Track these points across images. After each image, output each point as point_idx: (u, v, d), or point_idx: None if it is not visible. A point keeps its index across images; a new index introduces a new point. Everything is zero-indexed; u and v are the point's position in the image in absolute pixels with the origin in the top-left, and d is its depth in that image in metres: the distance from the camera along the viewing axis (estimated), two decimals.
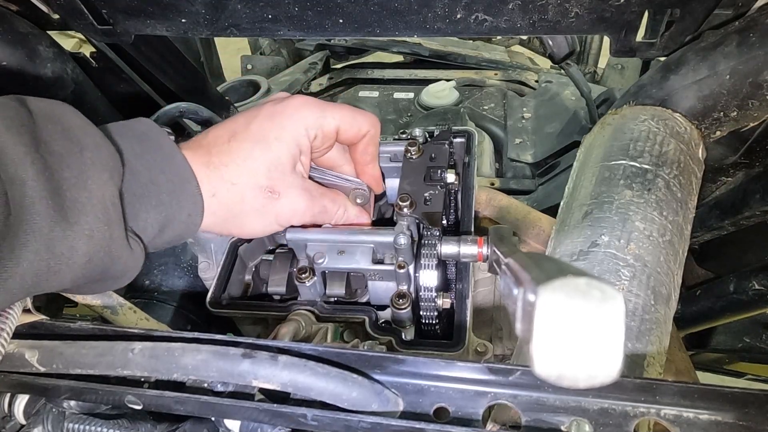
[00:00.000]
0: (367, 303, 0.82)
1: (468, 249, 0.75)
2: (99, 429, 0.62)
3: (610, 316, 0.29)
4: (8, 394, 0.65)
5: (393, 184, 0.90)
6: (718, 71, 0.76)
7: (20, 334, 0.58)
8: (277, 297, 0.84)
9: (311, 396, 0.50)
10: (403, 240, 0.72)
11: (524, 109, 1.69)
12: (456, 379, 0.50)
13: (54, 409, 0.63)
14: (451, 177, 0.85)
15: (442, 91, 1.78)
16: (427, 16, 0.81)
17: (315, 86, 2.00)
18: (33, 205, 0.45)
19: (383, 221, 0.91)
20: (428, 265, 0.75)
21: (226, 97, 1.52)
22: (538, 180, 1.44)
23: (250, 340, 0.54)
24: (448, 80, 1.83)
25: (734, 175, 1.01)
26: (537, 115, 1.66)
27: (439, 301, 0.77)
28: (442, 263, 0.80)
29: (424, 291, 0.75)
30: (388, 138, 0.98)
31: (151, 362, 0.52)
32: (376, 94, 1.90)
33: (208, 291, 0.84)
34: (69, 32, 1.03)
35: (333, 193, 0.75)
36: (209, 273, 0.92)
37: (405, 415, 0.50)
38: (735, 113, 0.78)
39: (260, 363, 0.50)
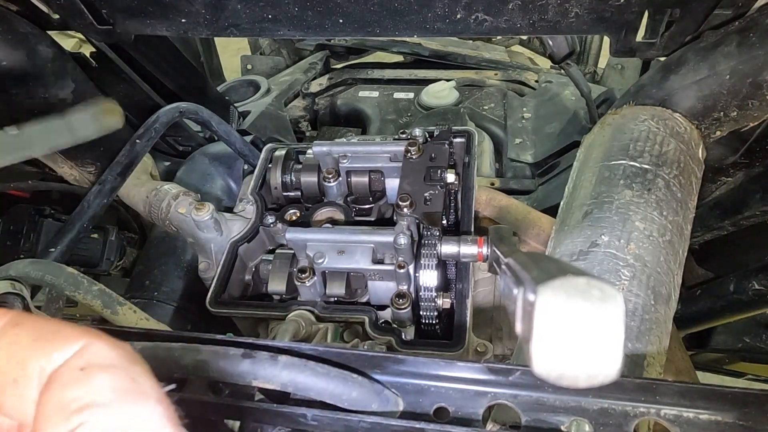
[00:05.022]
0: (367, 303, 0.82)
1: (468, 249, 0.75)
2: None
3: (610, 316, 0.29)
4: None
5: (393, 184, 0.90)
6: (718, 71, 0.76)
7: None
8: (277, 297, 0.84)
9: (311, 396, 0.50)
10: (403, 240, 0.72)
11: (524, 109, 1.69)
12: (456, 379, 0.50)
13: None
14: (451, 177, 0.85)
15: (442, 91, 1.78)
16: (427, 16, 0.82)
17: (315, 86, 2.00)
18: None
19: (383, 221, 0.91)
20: (428, 265, 0.75)
21: (226, 97, 1.53)
22: (538, 180, 1.43)
23: (250, 340, 0.54)
24: (448, 80, 1.83)
25: (734, 175, 1.01)
26: (537, 115, 1.65)
27: (439, 301, 0.77)
28: (442, 263, 0.80)
29: (424, 291, 0.75)
30: (388, 138, 0.98)
31: (150, 362, 0.52)
32: (376, 94, 1.90)
33: (208, 291, 0.84)
34: (69, 32, 1.03)
35: None
36: (209, 273, 0.92)
37: (405, 415, 0.50)
38: (735, 113, 0.78)
39: (260, 363, 0.50)
